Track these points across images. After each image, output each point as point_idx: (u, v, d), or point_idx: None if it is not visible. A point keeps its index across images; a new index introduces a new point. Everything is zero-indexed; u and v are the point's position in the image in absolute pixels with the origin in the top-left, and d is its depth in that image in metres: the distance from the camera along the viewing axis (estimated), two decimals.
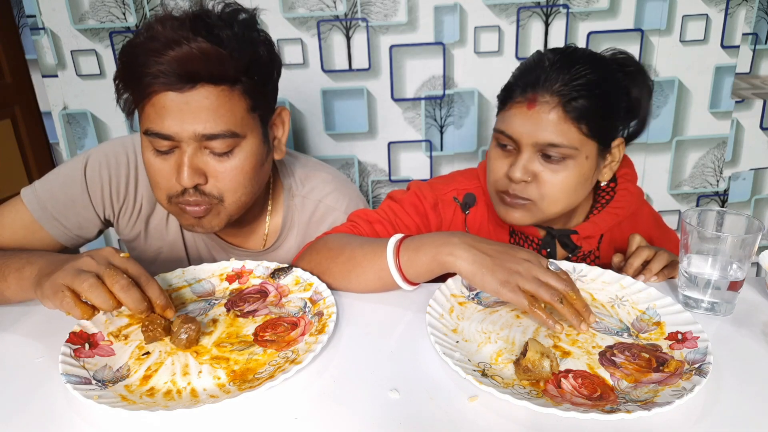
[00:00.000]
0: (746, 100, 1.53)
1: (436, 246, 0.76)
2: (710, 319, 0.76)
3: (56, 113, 1.46)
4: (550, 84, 0.84)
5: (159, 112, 0.77)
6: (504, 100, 0.91)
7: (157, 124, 0.78)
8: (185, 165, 0.80)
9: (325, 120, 1.49)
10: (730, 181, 1.61)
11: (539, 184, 0.87)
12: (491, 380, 0.62)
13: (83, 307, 0.66)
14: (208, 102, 0.77)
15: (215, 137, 0.79)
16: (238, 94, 0.80)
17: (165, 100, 0.77)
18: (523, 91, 0.86)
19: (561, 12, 1.40)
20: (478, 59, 1.44)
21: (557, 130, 0.84)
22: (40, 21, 1.37)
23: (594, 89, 0.84)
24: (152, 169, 0.83)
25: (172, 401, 0.60)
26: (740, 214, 0.78)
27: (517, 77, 0.90)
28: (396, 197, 1.02)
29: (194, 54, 0.75)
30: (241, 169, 0.83)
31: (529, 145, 0.86)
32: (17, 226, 0.91)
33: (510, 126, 0.87)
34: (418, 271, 0.78)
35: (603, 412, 0.55)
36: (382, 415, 0.58)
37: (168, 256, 1.02)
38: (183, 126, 0.77)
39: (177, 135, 0.78)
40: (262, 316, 0.77)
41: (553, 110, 0.84)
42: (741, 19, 1.43)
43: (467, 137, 1.52)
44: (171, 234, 1.00)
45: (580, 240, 0.97)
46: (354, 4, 1.38)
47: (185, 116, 0.77)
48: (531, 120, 0.85)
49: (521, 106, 0.86)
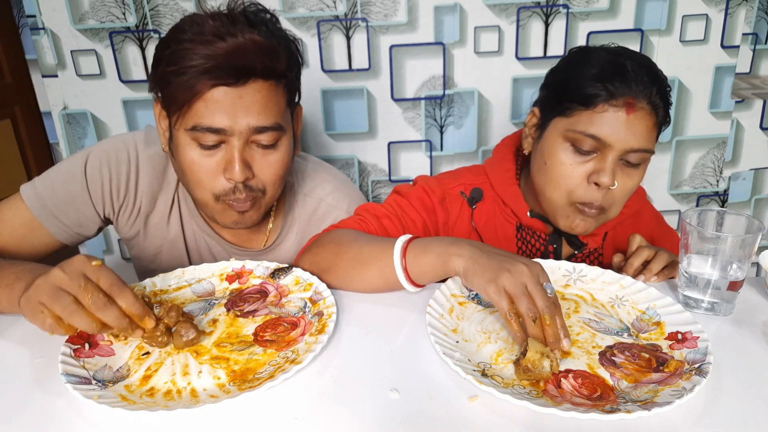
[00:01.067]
0: (746, 100, 1.53)
1: (444, 246, 0.76)
2: (710, 319, 0.76)
3: (56, 113, 1.46)
4: (645, 90, 0.83)
5: (211, 107, 0.77)
6: (585, 100, 0.85)
7: (209, 119, 0.78)
8: (237, 159, 0.80)
9: (325, 120, 1.49)
10: (730, 181, 1.61)
11: (616, 189, 0.86)
12: (491, 380, 0.62)
13: (67, 327, 0.64)
14: (260, 96, 0.79)
15: (265, 130, 0.80)
16: (282, 89, 0.82)
17: (219, 95, 0.77)
18: (612, 93, 0.83)
19: (561, 12, 1.40)
20: (478, 59, 1.44)
21: (649, 136, 0.84)
22: (40, 21, 1.37)
23: (669, 97, 0.87)
24: (196, 167, 0.82)
25: (172, 401, 0.60)
26: (740, 214, 0.78)
27: (597, 76, 0.84)
28: (402, 191, 1.01)
29: (249, 47, 0.76)
30: (282, 162, 0.85)
31: (618, 151, 0.84)
32: (17, 224, 0.90)
33: (602, 129, 0.84)
34: (423, 270, 0.77)
35: (603, 412, 0.55)
36: (382, 415, 0.58)
37: (168, 254, 1.01)
38: (236, 120, 0.78)
39: (230, 129, 0.79)
40: (262, 316, 0.77)
41: (648, 117, 0.83)
42: (741, 19, 1.43)
43: (467, 137, 1.52)
44: (172, 232, 0.99)
45: (585, 237, 0.97)
46: (354, 4, 1.38)
47: (238, 110, 0.78)
48: (627, 125, 0.83)
49: (617, 109, 0.83)
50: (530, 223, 0.98)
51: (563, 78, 0.90)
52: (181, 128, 0.81)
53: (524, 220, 0.98)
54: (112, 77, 1.43)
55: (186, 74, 0.76)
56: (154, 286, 0.82)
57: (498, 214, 1.01)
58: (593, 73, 0.85)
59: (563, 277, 0.85)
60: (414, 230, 0.97)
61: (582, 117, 0.85)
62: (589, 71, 0.86)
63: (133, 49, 1.40)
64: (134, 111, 1.46)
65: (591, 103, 0.84)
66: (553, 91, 0.91)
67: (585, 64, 0.87)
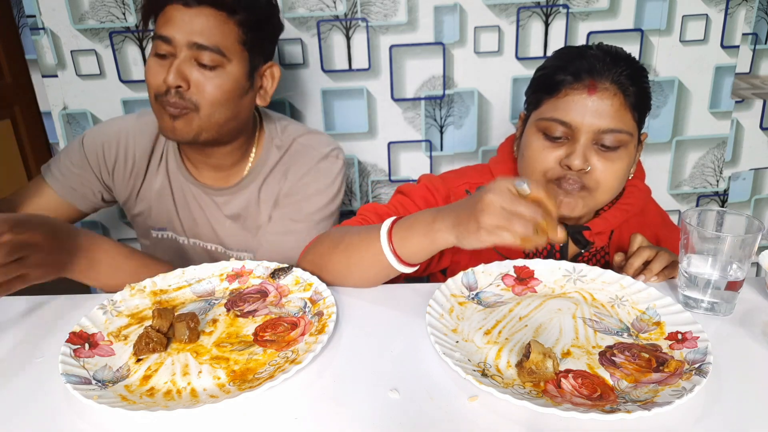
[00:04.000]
0: (746, 100, 1.53)
1: (427, 224, 0.75)
2: (710, 319, 0.76)
3: (56, 113, 1.46)
4: (607, 71, 0.84)
5: (167, 20, 0.94)
6: (550, 88, 0.88)
7: (164, 30, 0.94)
8: (174, 67, 0.94)
9: (325, 120, 1.49)
10: (730, 181, 1.61)
11: (595, 172, 0.87)
12: (491, 380, 0.62)
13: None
14: (205, 19, 0.93)
15: (204, 49, 0.93)
16: (233, 23, 0.95)
17: (174, 12, 0.93)
18: (576, 77, 0.85)
19: (561, 12, 1.40)
20: (478, 59, 1.44)
21: (618, 116, 0.85)
22: (40, 21, 1.37)
23: (642, 80, 0.88)
24: (149, 70, 0.97)
25: (172, 401, 0.60)
26: (740, 214, 0.78)
27: (562, 65, 0.88)
28: (405, 191, 1.01)
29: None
30: (219, 87, 0.96)
31: (587, 133, 0.85)
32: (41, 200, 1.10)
33: (567, 113, 0.86)
34: (412, 251, 0.77)
35: (603, 412, 0.55)
36: (382, 415, 0.58)
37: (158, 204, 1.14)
38: (182, 34, 0.93)
39: (174, 39, 0.93)
40: (262, 316, 0.77)
41: (614, 97, 0.84)
42: (741, 19, 1.43)
43: (467, 137, 1.51)
44: (159, 182, 1.12)
45: (592, 236, 0.97)
46: (354, 4, 1.38)
47: (185, 26, 0.93)
48: (591, 106, 0.84)
49: (580, 92, 0.85)
50: None
51: (536, 76, 0.94)
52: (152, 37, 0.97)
53: None
54: (112, 77, 1.42)
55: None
56: (154, 285, 0.82)
57: None
58: (557, 65, 0.89)
59: (563, 277, 0.85)
60: None
61: (549, 105, 0.88)
62: (554, 63, 0.90)
63: (133, 49, 1.40)
64: (134, 111, 1.46)
65: (555, 89, 0.87)
66: (530, 89, 0.95)
67: (556, 59, 0.91)
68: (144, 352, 0.68)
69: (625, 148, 0.87)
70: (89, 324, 0.72)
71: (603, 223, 0.96)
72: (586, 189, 0.88)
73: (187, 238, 1.15)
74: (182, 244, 1.16)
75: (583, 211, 0.90)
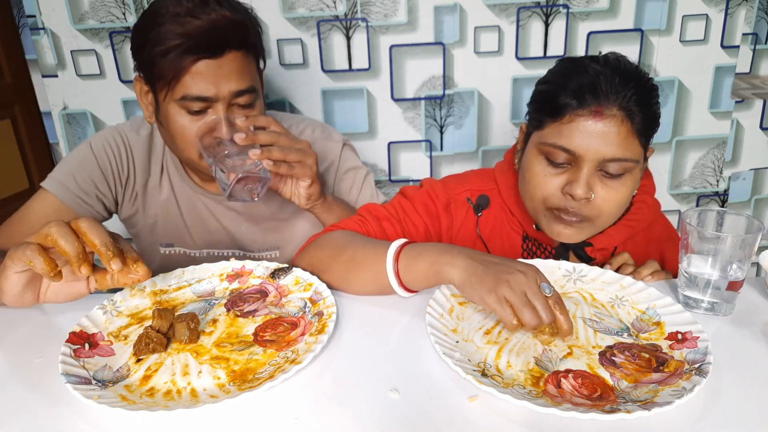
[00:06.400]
0: (746, 100, 1.53)
1: (436, 255, 0.74)
2: (710, 319, 0.76)
3: (56, 113, 1.46)
4: (615, 94, 0.79)
5: (197, 78, 0.88)
6: (554, 111, 0.83)
7: (196, 89, 0.89)
8: (224, 120, 0.91)
9: (325, 120, 1.49)
10: (730, 181, 1.61)
11: (597, 200, 0.83)
12: (491, 380, 0.62)
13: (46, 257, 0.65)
14: (236, 64, 0.90)
15: (243, 93, 0.92)
16: (251, 57, 0.94)
17: (202, 67, 0.88)
18: (581, 102, 0.80)
19: (561, 12, 1.40)
20: (478, 59, 1.44)
21: (624, 144, 0.80)
22: (40, 21, 1.37)
23: (652, 102, 0.83)
24: (186, 130, 0.92)
25: (172, 401, 0.60)
26: (740, 214, 0.78)
27: (565, 83, 0.83)
28: (408, 194, 1.00)
29: (222, 23, 0.88)
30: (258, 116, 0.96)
31: (592, 161, 0.81)
32: (48, 211, 1.01)
33: (571, 140, 0.81)
34: (415, 278, 0.77)
35: (603, 412, 0.55)
36: (382, 415, 0.58)
37: (164, 220, 1.10)
38: (219, 87, 0.89)
39: (215, 95, 0.90)
40: (262, 316, 0.77)
41: (621, 124, 0.80)
42: (741, 19, 1.43)
43: (467, 137, 1.52)
44: (164, 194, 1.09)
45: (594, 252, 0.95)
46: (354, 4, 1.38)
47: (220, 79, 0.89)
48: (597, 134, 0.80)
49: (585, 119, 0.80)
50: (537, 235, 0.96)
51: (539, 91, 0.89)
52: (171, 100, 0.91)
53: (530, 231, 0.96)
54: (112, 77, 1.43)
55: (171, 53, 0.87)
56: (154, 285, 0.82)
57: (504, 222, 0.98)
58: (562, 84, 0.83)
59: (563, 277, 0.85)
60: (415, 235, 0.96)
61: (552, 129, 0.84)
62: (559, 82, 0.84)
63: None
64: (134, 111, 1.46)
65: (559, 114, 0.82)
66: (532, 105, 0.90)
67: (559, 75, 0.86)
68: (144, 352, 0.68)
69: (630, 173, 0.84)
70: (89, 324, 0.72)
71: (606, 240, 0.94)
72: (587, 220, 0.85)
73: (199, 250, 1.13)
74: (194, 257, 1.13)
75: (583, 238, 0.89)
